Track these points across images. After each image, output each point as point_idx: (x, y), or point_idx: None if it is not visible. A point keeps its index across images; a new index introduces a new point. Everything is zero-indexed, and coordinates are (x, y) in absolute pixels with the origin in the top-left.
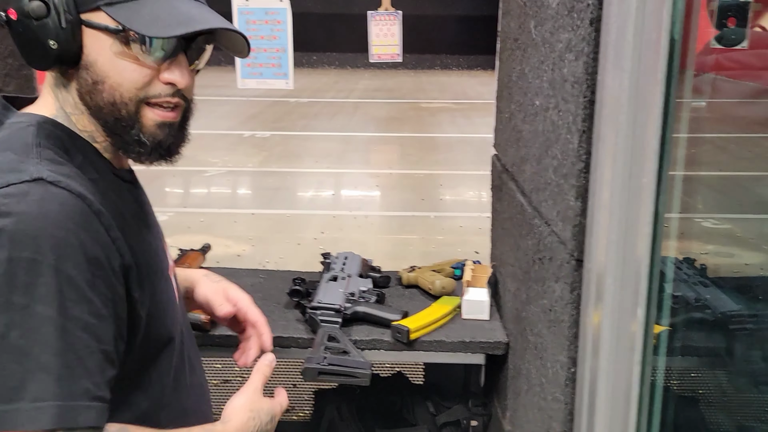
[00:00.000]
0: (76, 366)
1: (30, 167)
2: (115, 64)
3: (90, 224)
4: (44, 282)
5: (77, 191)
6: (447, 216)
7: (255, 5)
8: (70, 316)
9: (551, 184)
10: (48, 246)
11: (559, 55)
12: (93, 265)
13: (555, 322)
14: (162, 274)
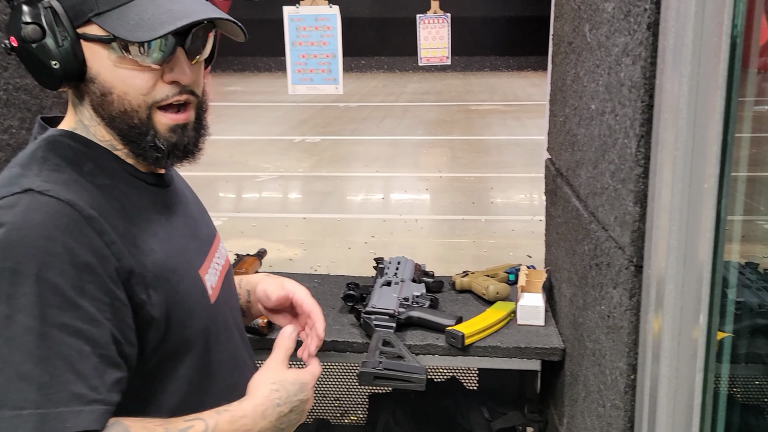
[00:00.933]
0: (64, 372)
1: (25, 180)
2: (117, 73)
3: (79, 230)
4: (25, 292)
5: (66, 198)
6: (498, 219)
7: (305, 12)
8: (55, 324)
9: (608, 189)
10: (29, 255)
11: (615, 59)
12: (82, 270)
13: (614, 329)
14: (187, 275)
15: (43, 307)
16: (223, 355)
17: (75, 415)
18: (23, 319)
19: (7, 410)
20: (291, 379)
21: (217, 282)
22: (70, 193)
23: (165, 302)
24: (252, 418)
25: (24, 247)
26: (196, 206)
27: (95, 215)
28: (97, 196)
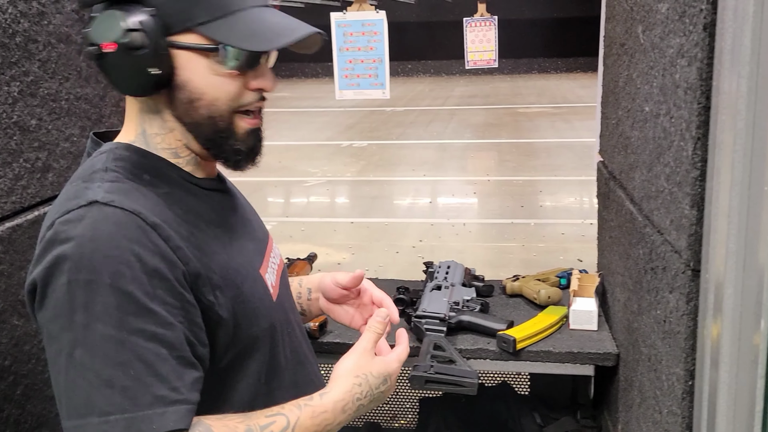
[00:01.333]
0: (145, 376)
1: (89, 192)
2: (210, 80)
3: (146, 238)
4: (101, 301)
5: (130, 208)
6: (548, 223)
7: (352, 18)
8: (132, 330)
9: (663, 192)
10: (102, 266)
11: (670, 61)
12: (153, 277)
13: (670, 334)
14: (249, 275)
15: (120, 315)
16: (287, 351)
17: (160, 416)
18: (101, 328)
19: (95, 417)
20: (375, 372)
21: (276, 280)
22: (132, 202)
23: (232, 302)
24: (332, 413)
25: (96, 258)
26: (248, 208)
27: (159, 222)
28: (159, 203)
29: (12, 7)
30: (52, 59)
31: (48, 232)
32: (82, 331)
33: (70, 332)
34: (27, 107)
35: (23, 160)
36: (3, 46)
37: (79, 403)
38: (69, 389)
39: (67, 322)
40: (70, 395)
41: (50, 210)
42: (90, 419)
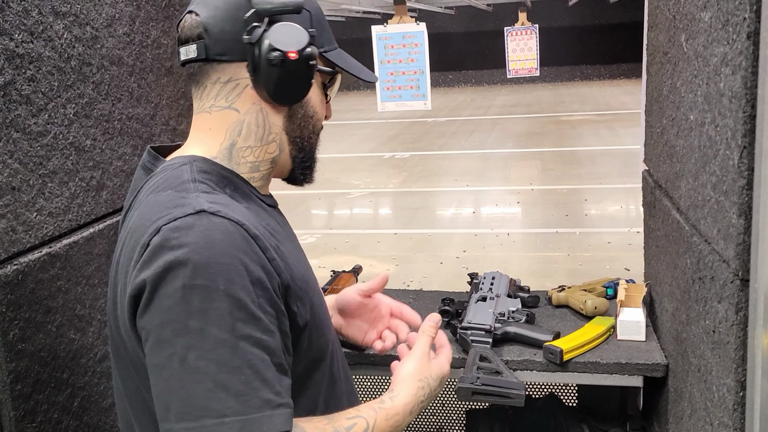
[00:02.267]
0: (254, 380)
1: (191, 201)
2: (320, 100)
3: (251, 248)
4: (217, 306)
5: (236, 219)
6: (593, 232)
7: (393, 30)
8: (242, 336)
9: (710, 201)
10: (217, 273)
11: (714, 69)
12: (257, 286)
13: (719, 344)
14: (316, 289)
15: (232, 321)
16: (341, 362)
17: (269, 419)
18: (216, 332)
19: (210, 419)
20: (435, 375)
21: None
22: (236, 212)
23: (308, 313)
24: (402, 415)
25: (212, 265)
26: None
27: (258, 234)
28: (249, 215)
29: (67, 32)
30: (105, 81)
31: (155, 238)
32: (198, 336)
33: (185, 337)
34: (82, 128)
35: (79, 179)
36: (59, 69)
37: (194, 405)
38: (182, 392)
39: (182, 327)
40: (184, 398)
41: (145, 216)
42: (204, 421)
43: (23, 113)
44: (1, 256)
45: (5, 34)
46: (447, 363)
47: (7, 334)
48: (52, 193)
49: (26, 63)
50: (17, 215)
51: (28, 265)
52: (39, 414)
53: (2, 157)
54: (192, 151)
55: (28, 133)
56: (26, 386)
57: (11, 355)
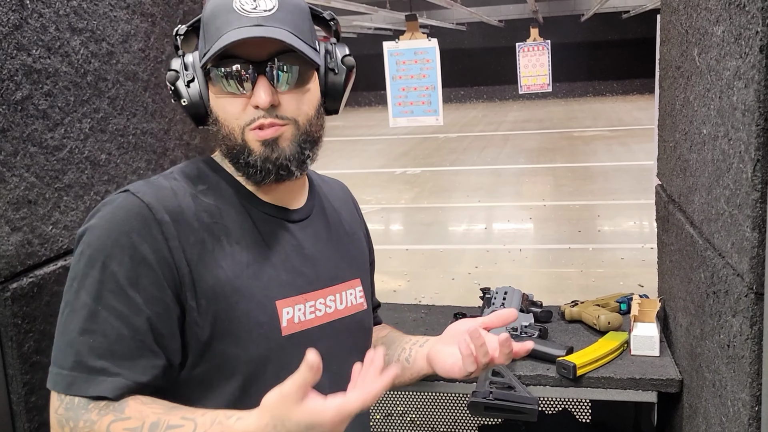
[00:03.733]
0: (100, 347)
1: (138, 182)
2: (218, 102)
3: (147, 229)
4: (92, 274)
5: (147, 200)
6: (606, 248)
7: (404, 46)
8: (106, 305)
9: (724, 215)
10: (103, 245)
11: (726, 83)
12: (139, 264)
13: (734, 359)
14: (254, 299)
15: (101, 290)
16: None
17: (98, 383)
18: (84, 296)
19: (57, 367)
20: (295, 419)
21: (311, 320)
22: (155, 198)
23: (214, 315)
24: None
25: (101, 237)
26: (330, 248)
27: (167, 220)
28: (187, 207)
29: (84, 48)
30: (120, 96)
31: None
32: (73, 296)
33: (69, 294)
34: (97, 142)
35: (94, 192)
36: (75, 85)
37: (56, 352)
38: (56, 339)
39: (70, 286)
40: (55, 344)
41: None
42: (53, 368)
43: (40, 128)
44: (17, 269)
45: (23, 49)
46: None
47: (23, 346)
48: (67, 207)
49: (43, 78)
50: (33, 228)
51: (43, 278)
52: None
53: (19, 170)
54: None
55: (44, 147)
56: (40, 398)
57: (26, 367)
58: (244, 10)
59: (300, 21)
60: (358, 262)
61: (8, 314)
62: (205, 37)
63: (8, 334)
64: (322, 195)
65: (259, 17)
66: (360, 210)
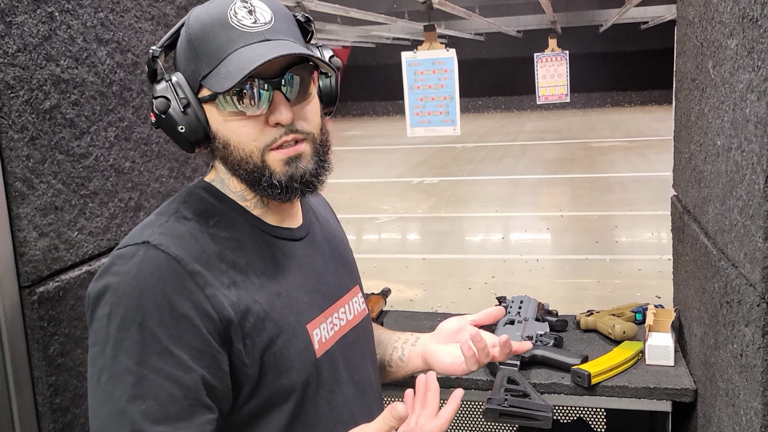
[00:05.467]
0: (155, 412)
1: (150, 230)
2: (228, 126)
3: (182, 284)
4: (130, 336)
5: (174, 253)
6: (624, 259)
7: (423, 56)
8: (152, 368)
9: (737, 226)
10: (137, 305)
11: (740, 96)
12: (179, 321)
13: (747, 368)
14: (288, 328)
15: (144, 352)
16: (324, 408)
17: None
18: (126, 361)
19: None
20: None
21: (332, 336)
22: (180, 247)
23: (261, 352)
24: None
25: (134, 296)
26: (333, 260)
27: (199, 270)
28: (210, 248)
29: (109, 59)
30: (144, 106)
31: (108, 259)
32: (110, 361)
33: (102, 359)
34: (122, 150)
35: (118, 200)
36: (101, 94)
37: (97, 424)
38: (93, 410)
39: (101, 350)
40: (93, 415)
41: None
42: None
43: (67, 136)
44: (44, 274)
45: (52, 60)
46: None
47: (48, 348)
48: (92, 213)
49: (71, 88)
50: (59, 234)
51: (68, 282)
52: (76, 428)
53: (47, 177)
54: (208, 174)
55: (71, 155)
56: (65, 400)
57: (51, 369)
58: (244, 25)
59: (294, 28)
60: (353, 268)
61: (35, 317)
62: (201, 57)
63: (34, 337)
64: (312, 207)
65: (262, 31)
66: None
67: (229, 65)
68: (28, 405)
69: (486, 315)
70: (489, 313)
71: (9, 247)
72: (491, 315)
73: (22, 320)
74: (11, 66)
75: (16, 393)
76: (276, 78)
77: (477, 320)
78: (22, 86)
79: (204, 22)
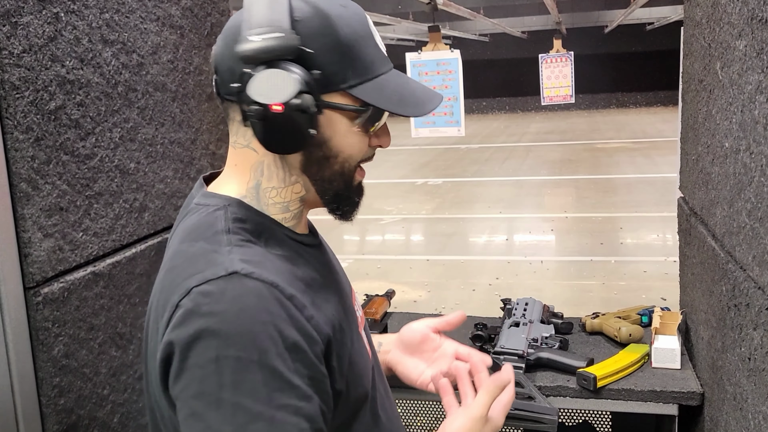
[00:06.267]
0: None
1: (223, 259)
2: (348, 139)
3: (286, 311)
4: (251, 378)
5: (270, 280)
6: (629, 261)
7: (427, 57)
8: (279, 406)
9: (745, 228)
10: (250, 342)
11: (748, 97)
12: (293, 351)
13: (755, 372)
14: (353, 332)
15: (268, 392)
16: (385, 402)
17: None
18: (251, 405)
19: None
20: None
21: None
22: (269, 272)
23: (346, 364)
24: None
25: (244, 334)
26: (336, 261)
27: (295, 293)
28: (284, 269)
29: (115, 59)
30: (149, 106)
31: (185, 300)
32: (231, 410)
33: (219, 410)
34: (127, 151)
35: (123, 200)
36: (107, 95)
37: None
38: None
39: (215, 400)
40: None
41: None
42: None
43: (72, 137)
44: (49, 274)
45: (57, 61)
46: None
47: (53, 349)
48: (97, 214)
49: (76, 88)
50: (64, 235)
51: (73, 283)
52: (80, 428)
53: (52, 178)
54: (225, 188)
55: (76, 155)
56: (69, 401)
57: (56, 371)
58: (379, 44)
59: None
60: None
61: (39, 318)
62: (351, 64)
63: (39, 338)
64: None
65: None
66: None
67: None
68: (33, 406)
69: (446, 322)
70: (449, 321)
71: (14, 248)
72: (451, 322)
73: (26, 321)
74: (16, 67)
75: (21, 394)
76: None
77: (438, 326)
78: (28, 87)
79: (355, 29)
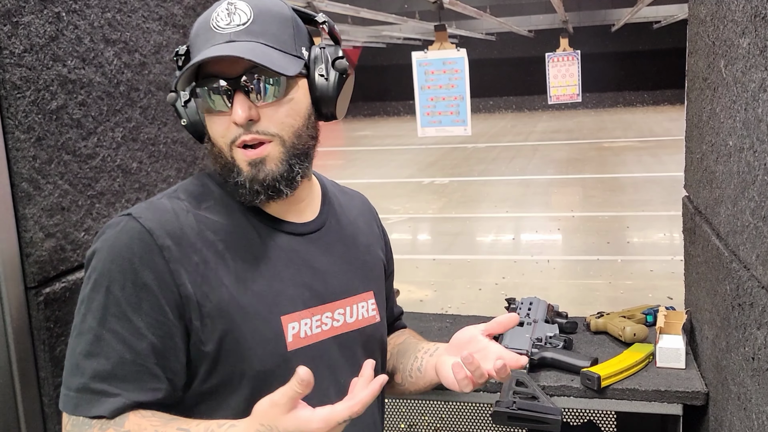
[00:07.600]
0: (103, 371)
1: (143, 204)
2: (209, 121)
3: (148, 255)
4: (97, 299)
5: (148, 226)
6: (635, 260)
7: (433, 56)
8: (110, 330)
9: (749, 227)
10: (108, 269)
11: (752, 95)
12: (141, 290)
13: (759, 371)
14: (258, 316)
15: (105, 314)
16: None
17: (99, 404)
18: (90, 320)
19: (65, 388)
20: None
21: (318, 334)
22: (156, 222)
23: (220, 333)
24: None
25: (105, 262)
26: (344, 261)
27: (168, 244)
28: (190, 229)
29: (117, 59)
30: (151, 106)
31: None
32: (80, 319)
33: (77, 317)
34: (129, 151)
35: (125, 200)
36: (109, 95)
37: (65, 373)
38: (65, 359)
39: (78, 309)
40: (65, 364)
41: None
42: (63, 389)
43: (74, 136)
44: (50, 274)
45: (59, 60)
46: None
47: (54, 349)
48: (99, 214)
49: (78, 88)
50: (66, 234)
51: (75, 283)
52: None
53: (53, 178)
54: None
55: (78, 155)
56: None
57: (57, 370)
58: (218, 26)
59: (277, 29)
60: (373, 275)
61: (41, 318)
62: (191, 57)
63: (41, 338)
64: (338, 206)
65: (231, 32)
66: (380, 222)
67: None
68: (35, 406)
69: (497, 324)
70: (500, 322)
71: (15, 248)
72: (502, 323)
73: (28, 321)
74: (18, 66)
75: (23, 394)
76: (237, 78)
77: (489, 329)
78: (29, 86)
79: (197, 24)
